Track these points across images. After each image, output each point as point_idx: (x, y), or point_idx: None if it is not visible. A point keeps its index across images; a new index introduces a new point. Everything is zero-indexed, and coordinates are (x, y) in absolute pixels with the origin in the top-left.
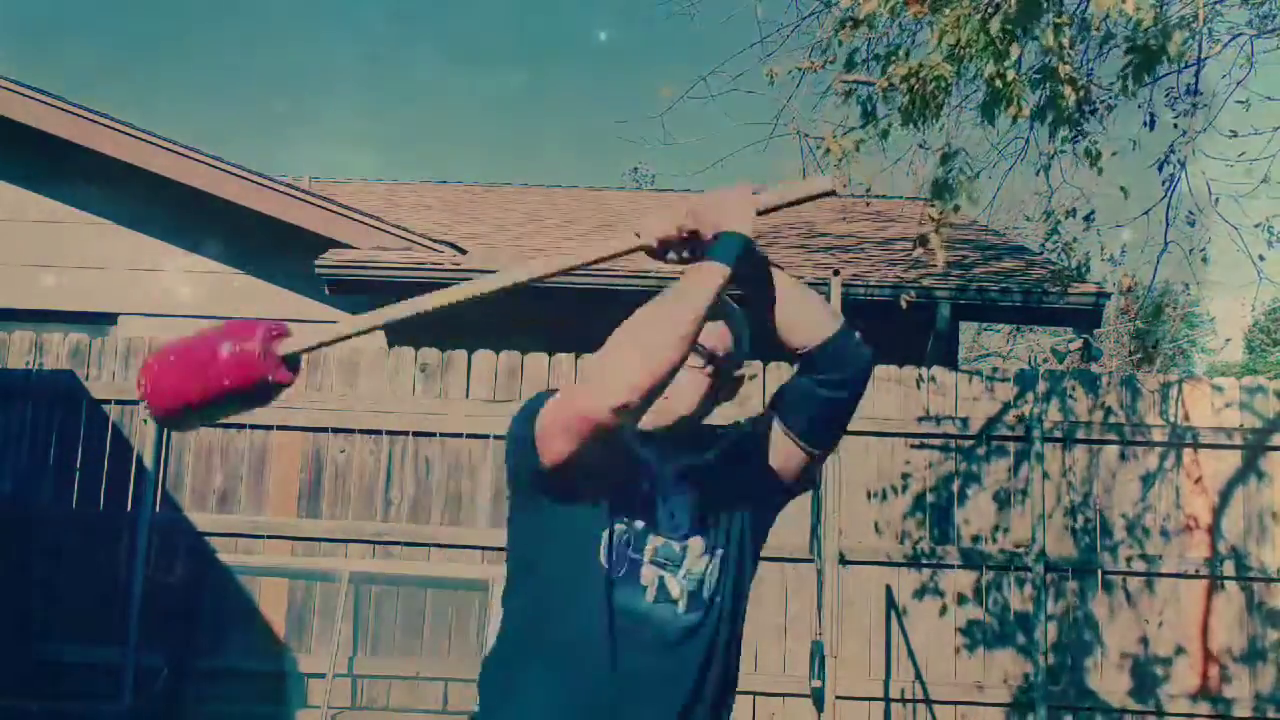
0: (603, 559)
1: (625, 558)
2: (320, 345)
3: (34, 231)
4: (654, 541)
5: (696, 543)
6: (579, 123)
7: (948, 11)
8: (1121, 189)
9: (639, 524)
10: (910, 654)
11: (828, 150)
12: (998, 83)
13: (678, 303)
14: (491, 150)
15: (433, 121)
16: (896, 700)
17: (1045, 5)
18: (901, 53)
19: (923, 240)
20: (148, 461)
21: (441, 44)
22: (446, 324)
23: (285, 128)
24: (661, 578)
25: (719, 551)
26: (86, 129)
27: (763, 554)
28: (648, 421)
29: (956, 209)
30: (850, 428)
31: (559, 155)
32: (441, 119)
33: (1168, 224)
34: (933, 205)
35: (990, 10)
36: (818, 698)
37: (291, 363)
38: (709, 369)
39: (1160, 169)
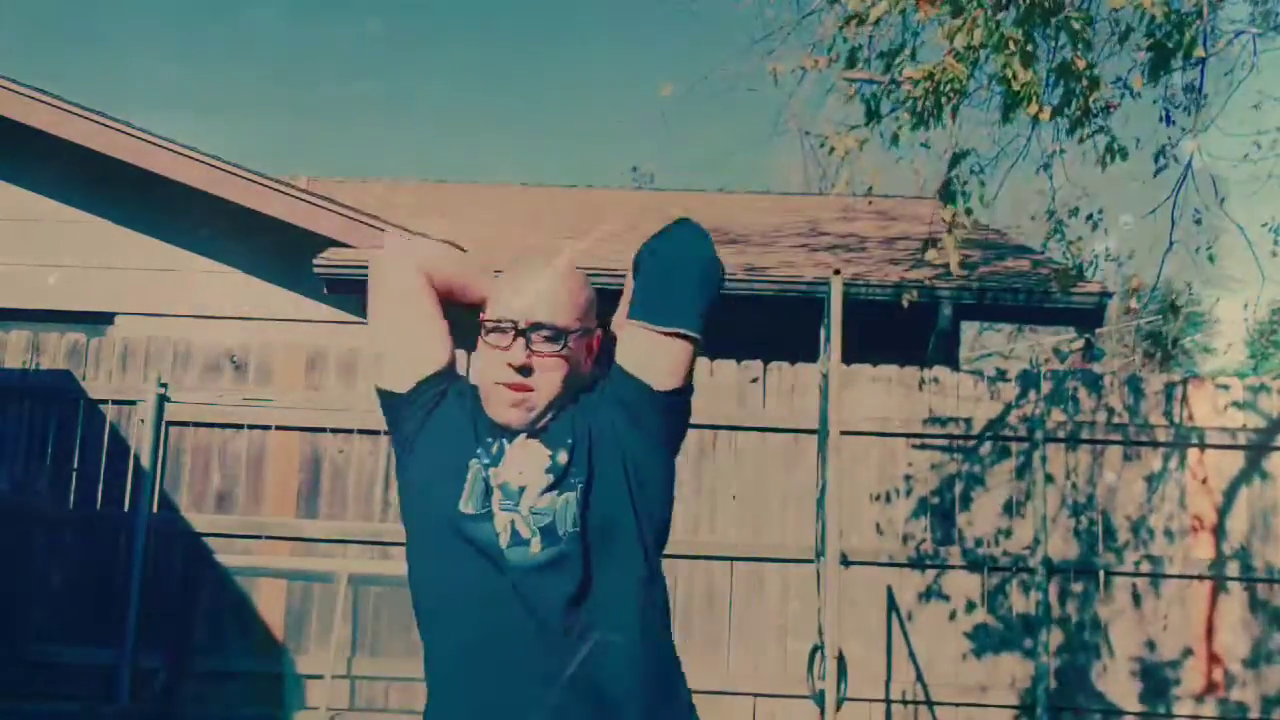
0: (465, 503)
1: (483, 501)
2: None
3: (32, 231)
4: (497, 480)
5: (538, 479)
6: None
7: (961, 18)
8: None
9: (486, 462)
10: (912, 655)
11: (831, 149)
12: (1015, 84)
13: None
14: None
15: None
16: (898, 702)
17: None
18: (906, 52)
19: (933, 243)
20: (145, 462)
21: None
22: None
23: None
24: (512, 520)
25: (575, 483)
26: (84, 128)
27: (763, 554)
28: (515, 420)
29: (969, 213)
30: (852, 428)
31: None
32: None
33: (1173, 222)
34: (944, 209)
35: (1002, 6)
36: (819, 699)
37: None
38: (520, 339)
39: (1156, 160)
